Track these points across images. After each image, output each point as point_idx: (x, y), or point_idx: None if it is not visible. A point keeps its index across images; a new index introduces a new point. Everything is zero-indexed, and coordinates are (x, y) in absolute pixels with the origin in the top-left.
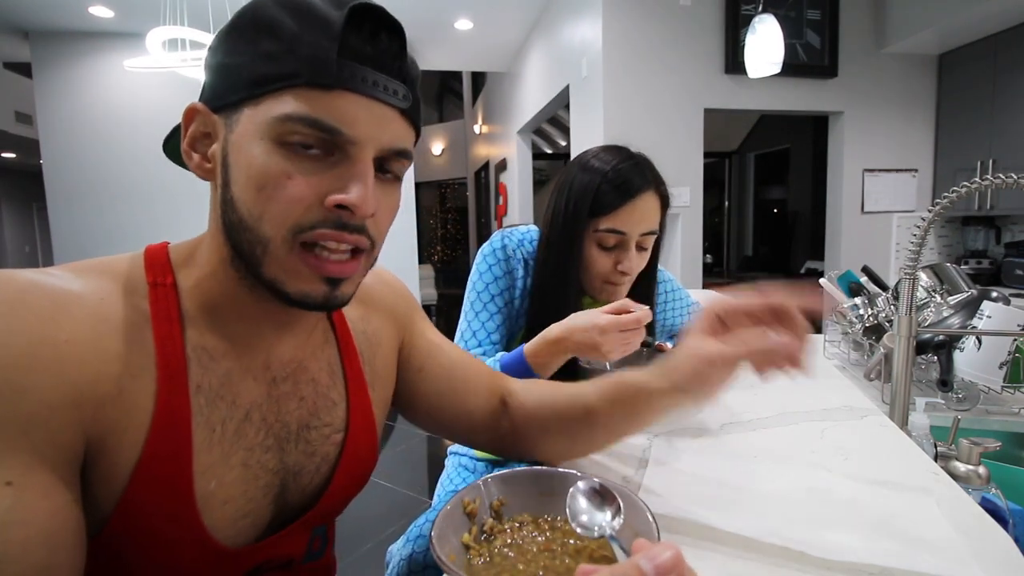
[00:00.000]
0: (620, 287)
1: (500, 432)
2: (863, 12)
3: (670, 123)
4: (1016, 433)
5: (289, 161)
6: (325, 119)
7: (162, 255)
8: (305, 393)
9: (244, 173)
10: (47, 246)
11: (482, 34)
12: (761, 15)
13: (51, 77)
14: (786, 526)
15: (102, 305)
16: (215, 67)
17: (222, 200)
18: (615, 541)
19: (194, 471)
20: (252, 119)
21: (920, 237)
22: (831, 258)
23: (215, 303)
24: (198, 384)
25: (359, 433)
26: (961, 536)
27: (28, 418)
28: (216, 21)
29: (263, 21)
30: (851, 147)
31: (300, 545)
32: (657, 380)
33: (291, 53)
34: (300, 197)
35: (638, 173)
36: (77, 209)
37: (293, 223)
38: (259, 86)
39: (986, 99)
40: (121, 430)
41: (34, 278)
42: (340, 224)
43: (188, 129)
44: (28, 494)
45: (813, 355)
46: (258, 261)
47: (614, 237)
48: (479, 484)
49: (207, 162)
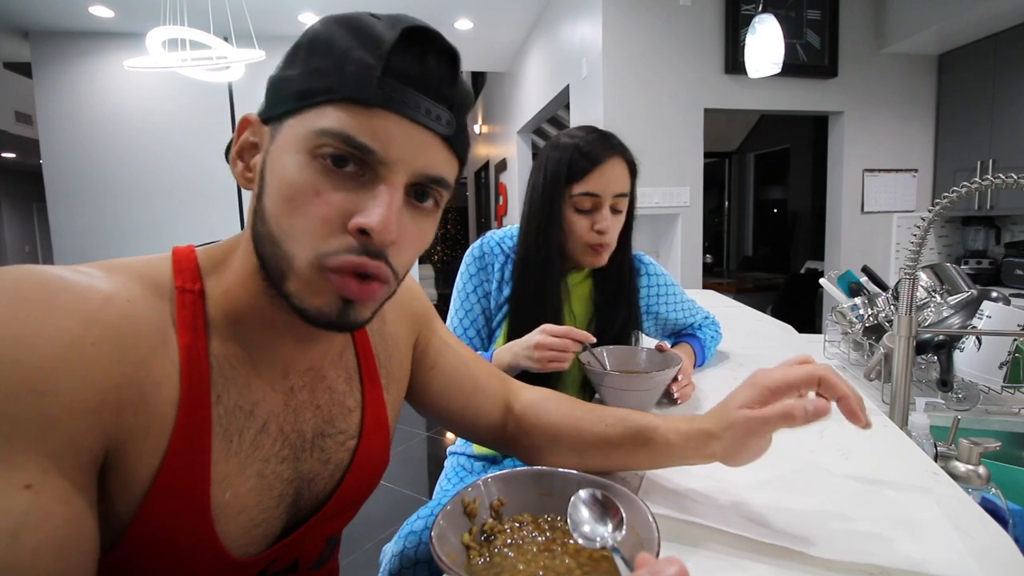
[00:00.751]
0: (601, 252)
1: (506, 434)
2: (863, 12)
3: (670, 123)
4: (1016, 433)
5: (321, 176)
6: (358, 136)
7: (191, 260)
8: (321, 401)
9: (276, 184)
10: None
11: (482, 34)
12: (761, 15)
13: (51, 77)
14: (786, 526)
15: (130, 308)
16: (271, 82)
17: (256, 211)
18: (617, 553)
19: (211, 481)
20: (292, 130)
21: (920, 237)
22: (831, 258)
23: (240, 312)
24: (219, 394)
25: (372, 437)
26: (961, 536)
27: (50, 421)
28: (216, 21)
29: (319, 38)
30: (851, 147)
31: (313, 551)
32: (693, 446)
33: (338, 69)
34: (325, 217)
35: (605, 141)
36: (77, 209)
37: (317, 248)
38: (303, 99)
39: (986, 99)
40: (142, 437)
41: (65, 276)
42: (363, 250)
43: (239, 138)
44: (45, 499)
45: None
46: (282, 276)
47: (589, 200)
48: (479, 484)
49: (249, 171)
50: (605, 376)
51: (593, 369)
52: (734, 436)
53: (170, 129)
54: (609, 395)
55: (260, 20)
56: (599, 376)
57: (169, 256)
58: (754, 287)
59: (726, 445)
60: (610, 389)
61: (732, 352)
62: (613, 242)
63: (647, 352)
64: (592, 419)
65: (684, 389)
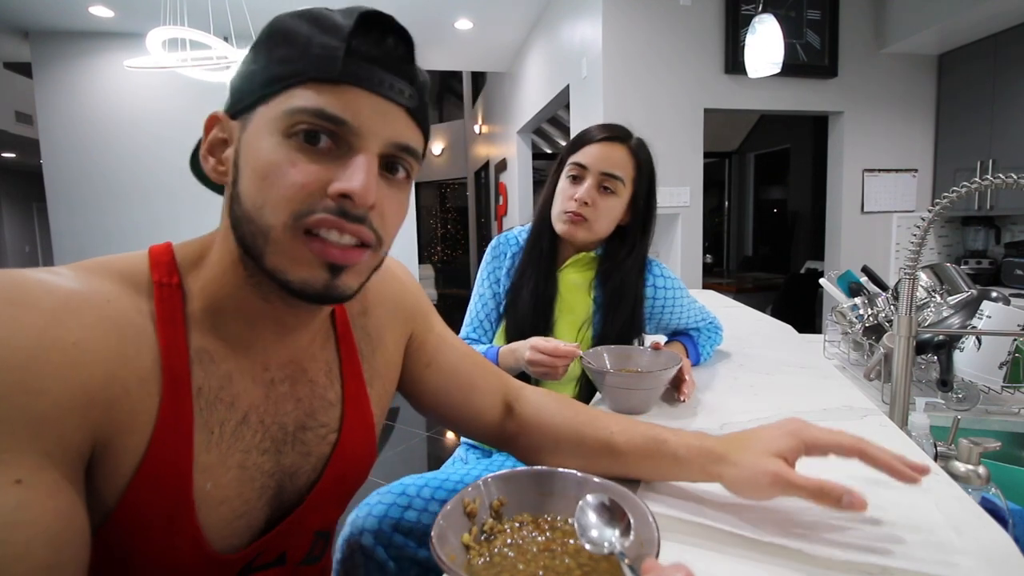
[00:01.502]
0: (577, 225)
1: (505, 433)
2: (863, 12)
3: (670, 123)
4: (1016, 433)
5: (295, 152)
6: (330, 109)
7: (167, 255)
8: (302, 394)
9: (251, 166)
10: (47, 246)
11: (482, 34)
12: (761, 15)
13: (51, 77)
14: (786, 526)
15: (108, 307)
16: (235, 80)
17: (231, 197)
18: (624, 558)
19: (193, 472)
20: (263, 116)
21: (920, 237)
22: (831, 258)
23: (220, 305)
24: (199, 386)
25: (354, 431)
26: (961, 536)
27: (40, 419)
28: (216, 21)
29: (280, 31)
30: (851, 147)
31: (300, 546)
32: (702, 465)
33: (303, 54)
34: (302, 183)
35: (613, 127)
36: (77, 209)
37: (294, 209)
38: (271, 85)
39: (986, 99)
40: (127, 432)
41: (41, 278)
42: (341, 212)
43: (208, 136)
44: (35, 493)
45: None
46: (261, 251)
47: (576, 168)
48: (479, 484)
49: (221, 165)
50: (606, 375)
51: (594, 368)
52: (755, 477)
53: (170, 129)
54: (611, 394)
55: (260, 20)
56: (600, 375)
57: (146, 253)
58: (754, 287)
59: (742, 478)
60: (612, 388)
61: (732, 352)
62: (595, 220)
63: (648, 351)
64: (596, 426)
65: (688, 388)
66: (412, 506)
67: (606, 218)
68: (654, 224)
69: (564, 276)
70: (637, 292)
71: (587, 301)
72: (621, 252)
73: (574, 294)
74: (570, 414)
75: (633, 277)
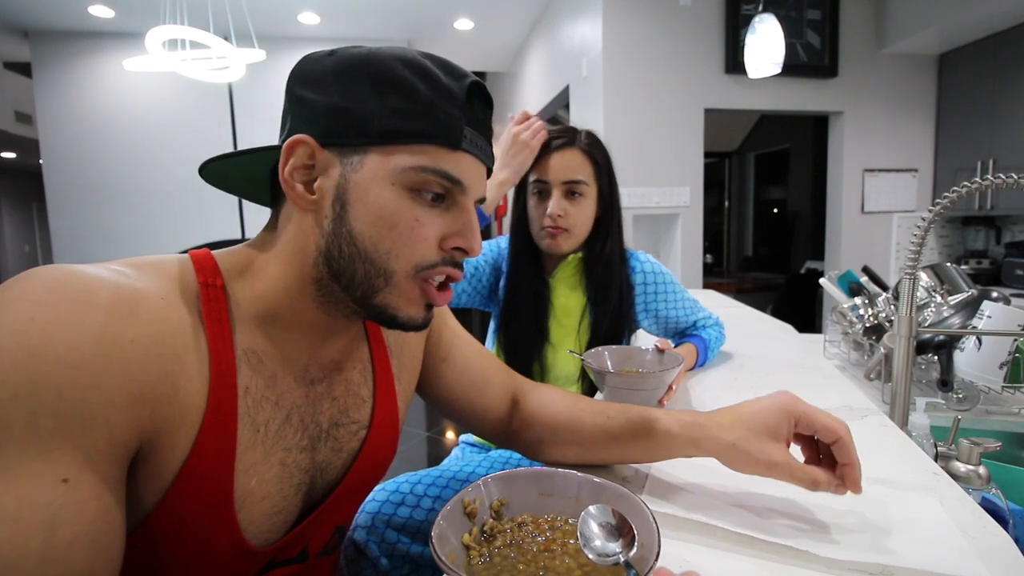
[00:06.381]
0: (558, 237)
1: (511, 428)
2: (863, 12)
3: (670, 123)
4: (1016, 433)
5: (416, 205)
6: (454, 172)
7: (209, 259)
8: (338, 392)
9: (374, 213)
10: (47, 246)
11: (482, 34)
12: (761, 15)
13: (51, 77)
14: (787, 526)
15: (163, 305)
16: (328, 107)
17: (332, 232)
18: (631, 570)
19: (236, 469)
20: (383, 165)
21: (920, 237)
22: (831, 258)
23: (276, 312)
24: (246, 386)
25: (382, 427)
26: (961, 536)
27: (92, 416)
28: (216, 21)
29: (391, 79)
30: (851, 147)
31: (321, 539)
32: (695, 438)
33: (425, 116)
34: (425, 238)
35: (560, 132)
36: (77, 209)
37: (418, 261)
38: (392, 137)
39: (986, 99)
40: (174, 429)
41: (102, 275)
42: (454, 262)
43: (289, 159)
44: (80, 493)
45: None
46: (375, 289)
47: (539, 186)
48: (479, 484)
49: (311, 194)
50: (607, 376)
51: (595, 368)
52: (751, 454)
53: (170, 129)
54: (612, 394)
55: (260, 20)
56: (601, 376)
57: (188, 256)
58: (754, 287)
59: (737, 452)
60: (613, 388)
61: (732, 352)
62: (573, 227)
63: (649, 352)
64: (594, 411)
65: (669, 394)
66: (405, 502)
67: (582, 221)
68: (619, 204)
69: (556, 283)
70: (622, 279)
71: (581, 300)
72: (598, 242)
73: (567, 297)
74: (570, 403)
75: (615, 262)
